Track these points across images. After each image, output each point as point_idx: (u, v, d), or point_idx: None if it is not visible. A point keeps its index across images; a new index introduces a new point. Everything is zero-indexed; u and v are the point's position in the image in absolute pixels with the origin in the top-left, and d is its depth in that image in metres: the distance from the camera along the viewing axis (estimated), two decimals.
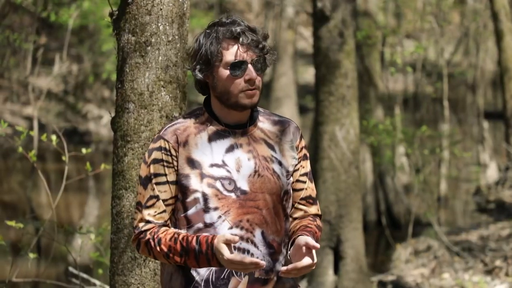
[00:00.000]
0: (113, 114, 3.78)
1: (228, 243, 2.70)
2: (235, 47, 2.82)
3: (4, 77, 21.06)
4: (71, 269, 6.66)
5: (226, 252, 2.69)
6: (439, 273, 8.71)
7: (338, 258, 7.35)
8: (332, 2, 7.31)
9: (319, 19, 7.37)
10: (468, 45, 26.47)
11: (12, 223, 4.86)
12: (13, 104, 20.28)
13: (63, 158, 5.63)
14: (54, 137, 5.53)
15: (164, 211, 2.88)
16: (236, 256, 2.69)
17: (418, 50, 13.80)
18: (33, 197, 12.51)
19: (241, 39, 2.82)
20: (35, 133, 13.00)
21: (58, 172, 13.54)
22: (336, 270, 7.36)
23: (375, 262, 10.25)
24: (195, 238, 2.78)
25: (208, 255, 2.75)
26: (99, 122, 20.03)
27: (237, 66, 2.82)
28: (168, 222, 2.90)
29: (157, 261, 3.65)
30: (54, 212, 5.68)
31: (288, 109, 19.15)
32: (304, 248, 2.77)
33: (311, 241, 2.76)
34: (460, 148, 17.41)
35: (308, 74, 25.64)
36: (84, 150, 5.66)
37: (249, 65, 2.83)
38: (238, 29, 2.82)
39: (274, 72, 19.98)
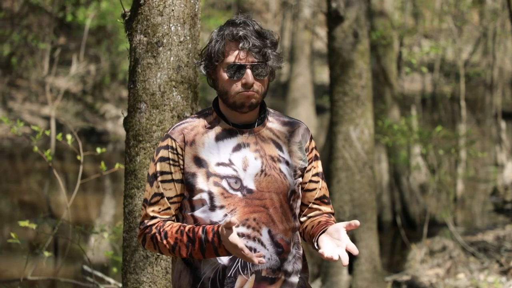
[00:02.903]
0: (126, 114, 3.81)
1: (228, 226, 2.70)
2: (236, 50, 2.85)
3: (23, 77, 21.20)
4: (85, 267, 6.71)
5: (233, 237, 2.69)
6: (454, 273, 8.69)
7: (352, 258, 7.35)
8: (346, 2, 7.31)
9: (333, 19, 7.38)
10: (486, 45, 26.34)
11: (25, 223, 4.87)
12: (31, 104, 20.41)
13: (78, 157, 5.67)
14: (69, 137, 5.56)
15: (169, 208, 2.91)
16: (239, 242, 2.69)
17: (433, 50, 13.75)
18: (50, 197, 12.60)
19: (241, 43, 2.84)
20: (52, 132, 13.09)
21: (76, 172, 13.62)
22: (351, 270, 7.36)
23: (391, 262, 10.23)
24: (201, 228, 2.82)
25: (214, 242, 2.77)
26: (117, 122, 20.11)
27: (235, 69, 2.85)
28: (174, 218, 2.94)
29: (168, 259, 3.69)
30: (69, 211, 5.72)
31: (305, 109, 19.13)
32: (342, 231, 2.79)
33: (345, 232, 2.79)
34: (478, 148, 17.35)
35: (325, 74, 25.62)
36: (98, 150, 5.69)
37: (248, 70, 2.85)
38: (241, 33, 2.84)
39: (291, 73, 19.98)
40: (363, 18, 7.39)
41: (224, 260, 2.86)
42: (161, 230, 2.87)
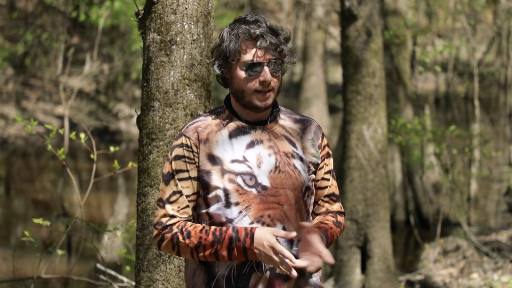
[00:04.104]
0: (139, 112, 3.82)
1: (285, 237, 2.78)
2: (253, 48, 2.86)
3: (37, 76, 21.28)
4: (99, 266, 6.73)
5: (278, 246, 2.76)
6: (467, 273, 8.66)
7: (365, 257, 7.34)
8: (359, 1, 7.29)
9: (347, 18, 7.37)
10: (500, 44, 26.24)
11: (39, 220, 4.91)
12: (45, 103, 20.49)
13: (92, 156, 5.68)
14: (82, 136, 5.57)
15: (187, 206, 2.91)
16: (285, 251, 2.76)
17: (446, 49, 13.69)
18: (64, 195, 12.64)
19: (259, 42, 2.85)
20: (65, 131, 13.14)
21: (90, 171, 13.65)
22: (364, 269, 7.35)
23: (404, 261, 10.21)
24: (231, 227, 2.82)
25: (245, 243, 2.78)
26: (130, 121, 20.15)
27: (253, 67, 2.86)
28: (191, 217, 2.93)
29: (181, 257, 3.68)
30: (82, 210, 5.74)
31: (318, 109, 19.11)
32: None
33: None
34: (492, 148, 17.28)
35: (338, 74, 25.58)
36: (112, 149, 5.70)
37: (265, 67, 2.86)
38: (257, 31, 2.85)
39: (304, 72, 19.97)
40: (377, 16, 7.37)
41: None
42: (183, 229, 2.86)
